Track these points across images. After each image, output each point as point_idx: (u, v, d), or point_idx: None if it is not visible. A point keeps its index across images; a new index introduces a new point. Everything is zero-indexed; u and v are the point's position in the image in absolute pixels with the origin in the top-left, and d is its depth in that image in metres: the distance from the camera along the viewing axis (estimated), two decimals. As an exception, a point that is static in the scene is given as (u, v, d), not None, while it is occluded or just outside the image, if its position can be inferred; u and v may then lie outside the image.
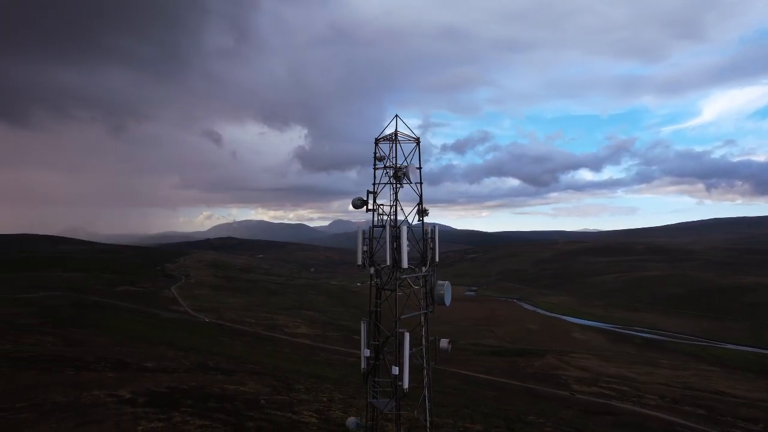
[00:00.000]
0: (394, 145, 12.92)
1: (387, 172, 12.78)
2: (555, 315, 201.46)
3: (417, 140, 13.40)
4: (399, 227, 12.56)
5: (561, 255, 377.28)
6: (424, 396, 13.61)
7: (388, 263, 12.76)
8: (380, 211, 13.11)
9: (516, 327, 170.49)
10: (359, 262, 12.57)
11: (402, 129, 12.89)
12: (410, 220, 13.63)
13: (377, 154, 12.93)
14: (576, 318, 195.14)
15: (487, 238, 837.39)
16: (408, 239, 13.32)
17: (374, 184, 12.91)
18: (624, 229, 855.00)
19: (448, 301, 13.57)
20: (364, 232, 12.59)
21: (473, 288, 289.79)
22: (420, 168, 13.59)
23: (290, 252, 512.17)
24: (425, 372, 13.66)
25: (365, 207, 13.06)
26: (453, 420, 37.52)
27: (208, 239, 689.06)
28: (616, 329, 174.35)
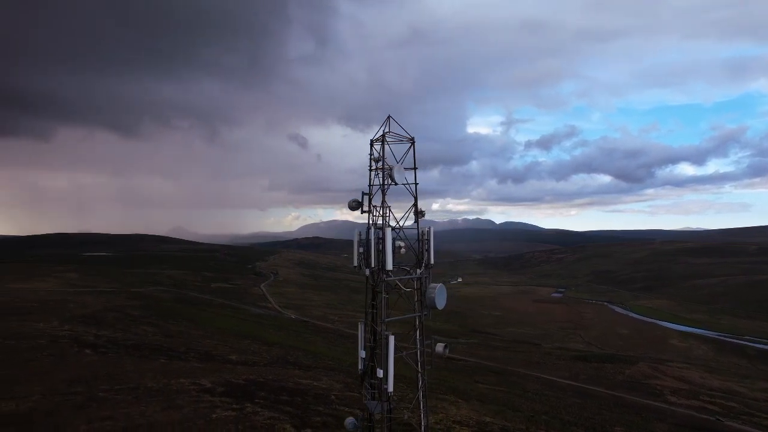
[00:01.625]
0: (382, 146, 12.96)
1: (377, 174, 12.81)
2: (650, 320, 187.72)
3: (411, 140, 13.32)
4: (384, 229, 12.50)
5: (657, 255, 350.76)
6: (419, 400, 13.42)
7: (372, 265, 12.73)
8: (375, 213, 13.13)
9: (605, 331, 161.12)
10: (354, 264, 12.69)
11: (398, 130, 13.03)
12: (405, 222, 13.59)
13: (373, 156, 12.98)
14: (675, 324, 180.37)
15: (576, 238, 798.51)
16: (405, 241, 13.34)
17: (370, 186, 13.00)
18: (733, 228, 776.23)
19: (440, 304, 13.27)
20: (360, 234, 12.68)
21: (560, 289, 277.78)
22: (415, 168, 13.49)
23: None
24: (420, 376, 13.47)
25: (360, 209, 13.12)
26: (526, 426, 36.42)
27: (296, 239, 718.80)
28: (724, 338, 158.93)
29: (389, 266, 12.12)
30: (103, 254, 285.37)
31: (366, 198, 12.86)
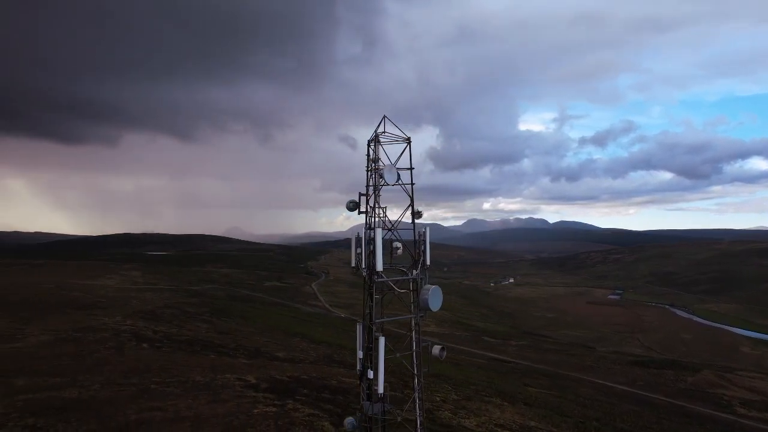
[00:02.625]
0: (374, 146, 12.84)
1: (371, 175, 12.70)
2: (717, 325, 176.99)
3: (408, 140, 13.12)
4: (374, 230, 12.38)
5: (725, 256, 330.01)
6: (414, 401, 13.21)
7: (362, 266, 12.61)
8: (372, 213, 13.04)
9: (666, 336, 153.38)
10: (353, 264, 12.63)
11: (394, 131, 12.93)
12: (399, 223, 13.44)
13: (371, 156, 12.91)
14: (746, 330, 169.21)
15: (634, 238, 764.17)
16: (401, 242, 13.21)
17: (367, 186, 12.93)
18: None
19: (434, 306, 12.93)
20: (357, 235, 12.62)
21: (618, 291, 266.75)
22: (411, 168, 13.29)
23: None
24: (416, 378, 13.23)
25: (357, 210, 13.05)
26: (574, 432, 35.29)
27: (348, 238, 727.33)
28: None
29: (379, 267, 12.09)
30: (164, 253, 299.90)
31: (363, 199, 12.90)
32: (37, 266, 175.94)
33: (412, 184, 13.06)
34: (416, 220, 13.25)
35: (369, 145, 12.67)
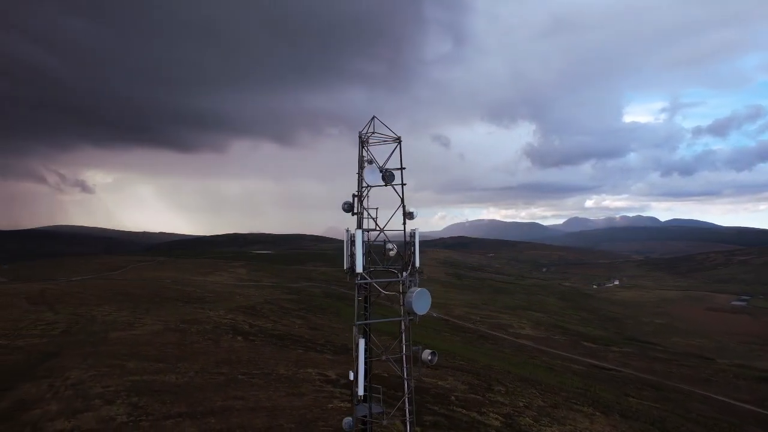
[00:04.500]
0: (360, 146, 12.41)
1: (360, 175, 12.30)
2: None
3: (398, 140, 12.55)
4: (356, 232, 11.97)
5: None
6: (405, 406, 12.54)
7: (345, 268, 12.19)
8: (366, 215, 12.66)
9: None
10: (346, 266, 12.34)
11: (384, 131, 12.53)
12: (389, 224, 12.95)
13: (366, 157, 12.54)
14: None
15: (765, 237, 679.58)
16: (392, 243, 12.61)
17: (360, 188, 12.56)
18: None
19: (419, 309, 12.13)
20: (351, 236, 12.30)
21: (744, 297, 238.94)
22: (402, 168, 12.69)
23: (521, 251, 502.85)
24: (405, 383, 12.56)
25: (351, 211, 12.68)
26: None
27: (442, 238, 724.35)
28: None
29: (359, 269, 11.87)
30: (268, 252, 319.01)
31: (357, 200, 12.74)
32: (160, 263, 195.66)
33: (403, 184, 12.79)
34: (410, 222, 13.06)
35: (364, 147, 12.61)
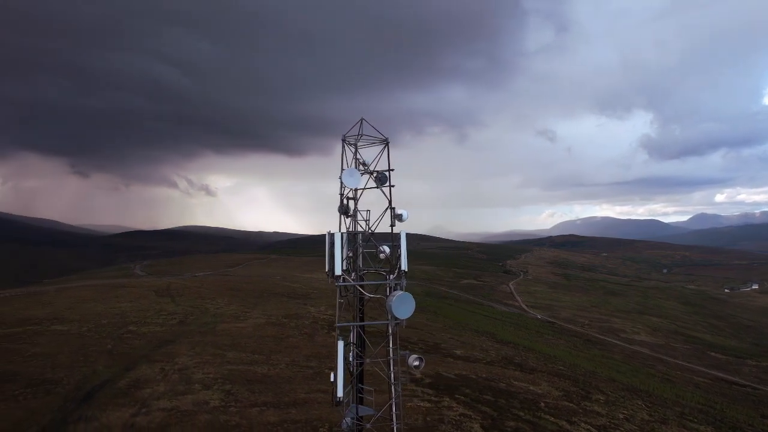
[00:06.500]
0: (342, 148, 11.72)
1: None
2: None
3: (385, 141, 11.66)
4: (335, 234, 11.32)
5: None
6: (392, 412, 11.58)
7: (326, 270, 11.48)
8: (359, 216, 12.01)
9: None
10: (327, 268, 11.83)
11: (372, 133, 12.15)
12: (377, 226, 12.53)
13: (360, 159, 11.92)
14: None
15: None
16: (386, 246, 12.36)
17: (343, 189, 11.98)
18: None
19: (400, 314, 11.02)
20: (332, 237, 11.76)
21: None
22: (389, 170, 11.76)
23: (639, 250, 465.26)
24: (392, 387, 11.57)
25: (346, 213, 12.06)
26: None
27: (550, 237, 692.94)
28: None
29: (338, 271, 11.41)
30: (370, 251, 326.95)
31: (351, 202, 12.33)
32: (271, 261, 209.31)
33: (391, 186, 12.25)
34: (400, 224, 12.62)
35: (357, 148, 12.29)
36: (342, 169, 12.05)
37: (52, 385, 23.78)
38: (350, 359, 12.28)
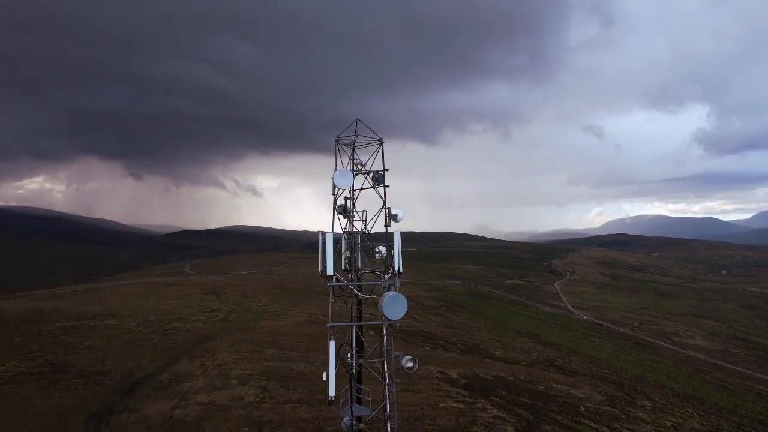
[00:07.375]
0: (336, 149, 11.35)
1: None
2: None
3: (380, 141, 11.21)
4: (326, 234, 11.04)
5: None
6: (386, 413, 11.12)
7: (319, 270, 11.15)
8: (356, 217, 11.67)
9: None
10: (320, 268, 11.57)
11: (367, 133, 12.06)
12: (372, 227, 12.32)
13: (356, 159, 11.57)
14: None
15: None
16: (382, 246, 12.24)
17: (353, 190, 11.63)
18: None
19: (391, 314, 10.48)
20: (324, 238, 11.48)
21: None
22: (384, 170, 11.29)
23: (694, 250, 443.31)
24: (386, 388, 11.12)
25: (345, 213, 11.73)
26: None
27: (598, 236, 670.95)
28: None
29: (329, 272, 11.19)
30: (415, 250, 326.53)
31: (349, 202, 12.08)
32: (315, 260, 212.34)
33: (385, 186, 11.94)
34: (397, 224, 12.39)
35: (354, 149, 12.09)
36: (335, 170, 12.09)
37: (101, 377, 24.99)
38: (348, 359, 12.31)
